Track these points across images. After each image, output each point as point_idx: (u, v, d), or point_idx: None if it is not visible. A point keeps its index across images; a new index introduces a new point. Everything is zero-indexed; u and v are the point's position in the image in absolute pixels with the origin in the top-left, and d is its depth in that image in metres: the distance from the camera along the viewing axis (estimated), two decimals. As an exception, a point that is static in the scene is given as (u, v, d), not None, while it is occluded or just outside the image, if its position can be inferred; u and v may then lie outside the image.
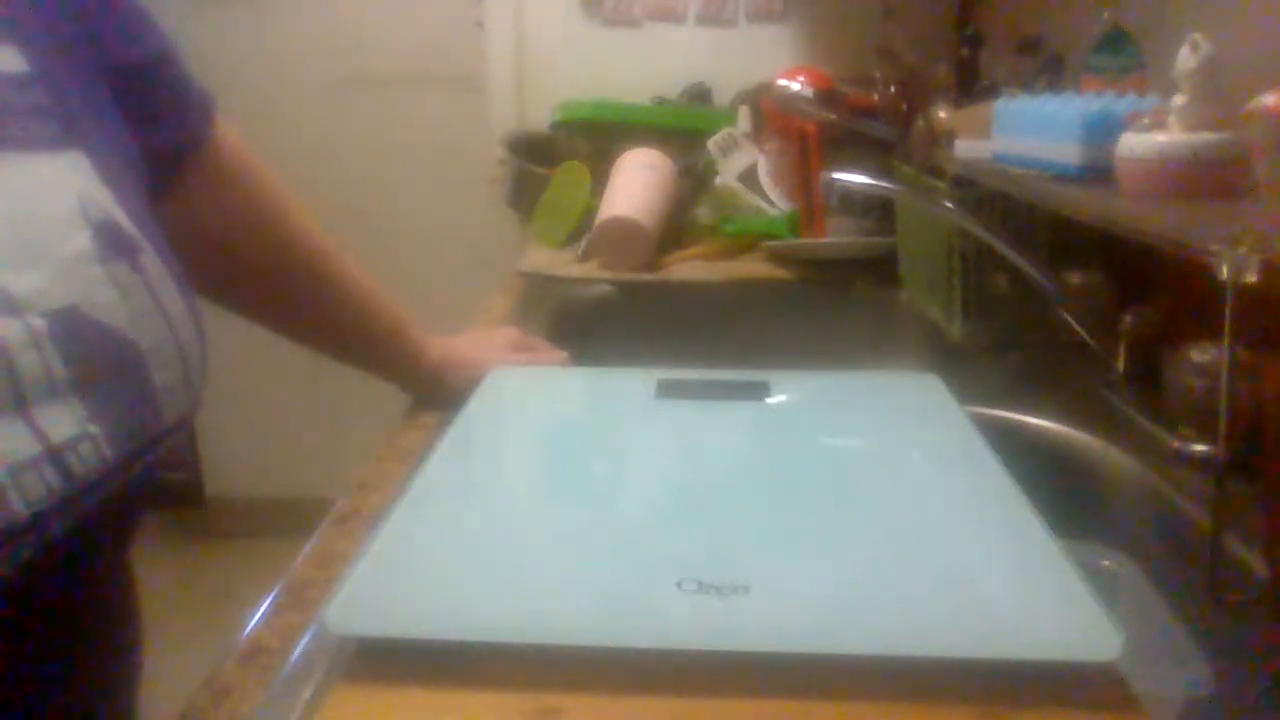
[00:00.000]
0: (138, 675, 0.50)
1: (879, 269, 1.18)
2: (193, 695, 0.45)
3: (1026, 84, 1.02)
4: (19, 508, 0.33)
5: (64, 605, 0.42)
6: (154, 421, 0.40)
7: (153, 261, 0.42)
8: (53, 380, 0.35)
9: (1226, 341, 0.54)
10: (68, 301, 0.37)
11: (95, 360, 0.37)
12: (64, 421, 0.35)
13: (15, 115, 0.40)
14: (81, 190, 0.41)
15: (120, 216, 0.42)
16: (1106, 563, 0.54)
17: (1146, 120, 0.64)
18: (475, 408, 0.68)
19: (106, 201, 0.41)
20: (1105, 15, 0.85)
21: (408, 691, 0.40)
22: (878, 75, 1.24)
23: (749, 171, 1.38)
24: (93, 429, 0.36)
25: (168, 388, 0.41)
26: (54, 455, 0.35)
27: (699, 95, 1.56)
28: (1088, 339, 0.78)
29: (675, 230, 1.32)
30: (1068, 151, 0.72)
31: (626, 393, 0.71)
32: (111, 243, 0.40)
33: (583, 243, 1.28)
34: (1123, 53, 0.85)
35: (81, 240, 0.39)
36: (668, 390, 0.70)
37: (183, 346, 0.42)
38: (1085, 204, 0.68)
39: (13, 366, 0.34)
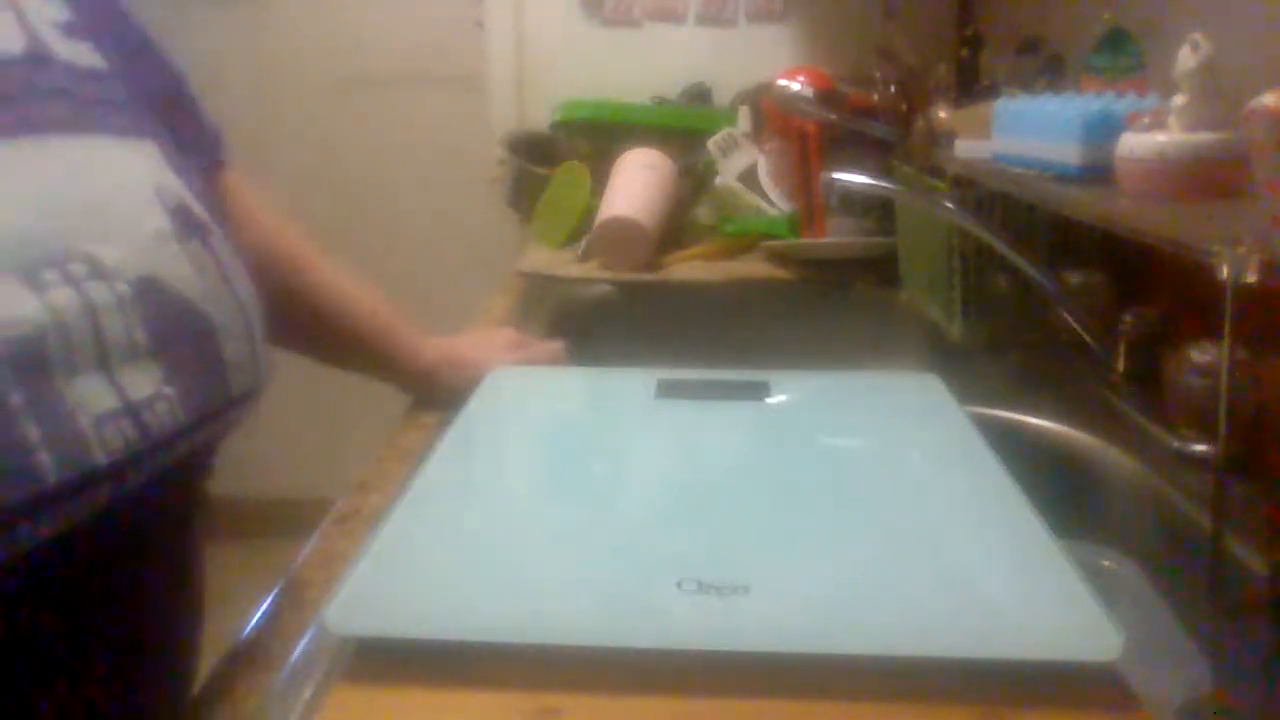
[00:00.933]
0: (199, 643, 0.52)
1: (879, 269, 1.18)
2: (193, 695, 0.45)
3: (1026, 84, 1.02)
4: (99, 456, 0.35)
5: (134, 563, 0.44)
6: (222, 391, 0.43)
7: (222, 245, 0.45)
8: (133, 343, 0.38)
9: (1226, 341, 0.54)
10: (148, 272, 0.39)
11: (171, 328, 0.40)
12: (142, 381, 0.38)
13: (95, 104, 0.43)
14: (156, 176, 0.43)
15: (191, 201, 0.44)
16: (1106, 563, 0.54)
17: (1146, 120, 0.64)
18: (475, 408, 0.68)
19: (179, 189, 0.44)
20: (1105, 15, 0.85)
21: (408, 691, 0.40)
22: (878, 75, 1.24)
23: (749, 171, 1.38)
24: (167, 390, 0.39)
25: (236, 361, 0.43)
26: (132, 411, 0.37)
27: (699, 95, 1.56)
28: (1088, 339, 0.78)
29: (675, 230, 1.32)
30: (1068, 151, 0.72)
31: (626, 393, 0.71)
32: (185, 225, 0.43)
33: (583, 243, 1.28)
34: (1123, 53, 0.84)
35: (159, 220, 0.41)
36: (668, 390, 0.70)
37: (250, 324, 0.45)
38: (1085, 204, 0.68)
39: (99, 328, 0.36)
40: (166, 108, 0.53)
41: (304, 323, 0.73)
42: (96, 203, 0.39)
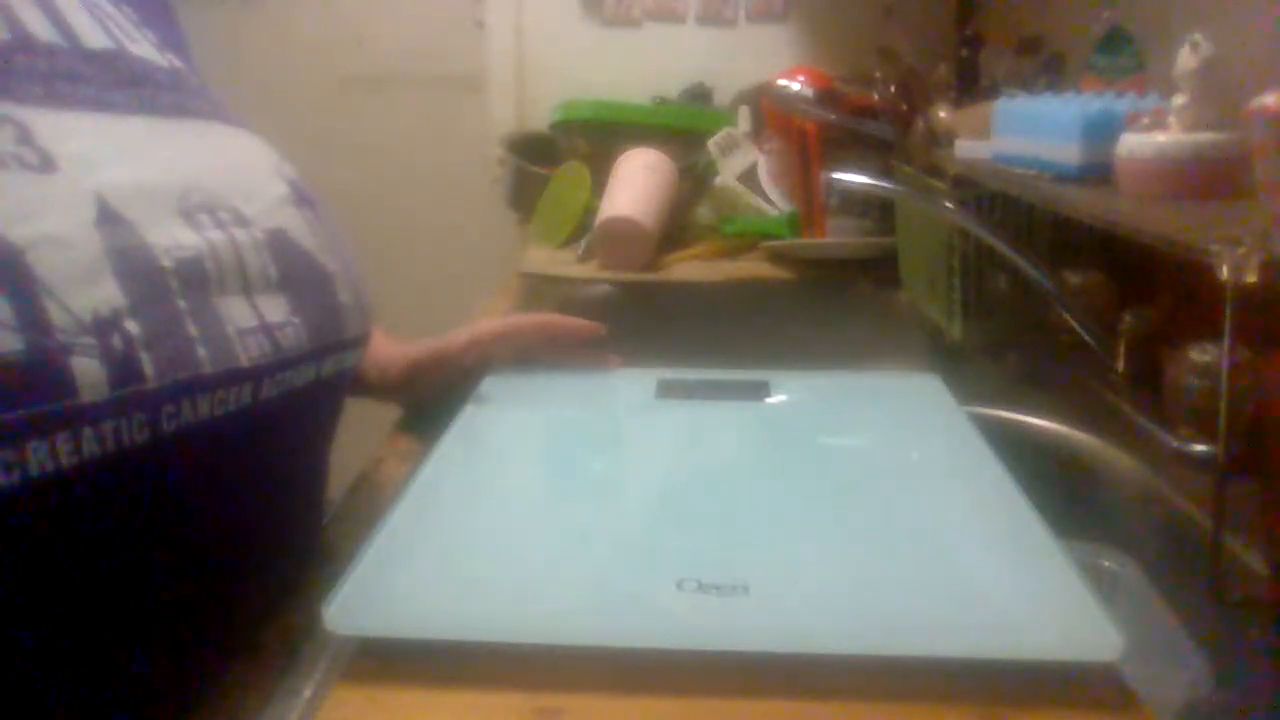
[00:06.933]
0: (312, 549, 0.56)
1: (879, 269, 1.17)
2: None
3: (1026, 84, 1.02)
4: (242, 359, 0.43)
5: (268, 463, 0.49)
6: (337, 329, 0.50)
7: (327, 217, 0.52)
8: (268, 278, 0.46)
9: (1226, 341, 0.54)
10: (278, 225, 0.47)
11: (297, 271, 0.48)
12: (275, 308, 0.45)
13: (212, 102, 0.52)
14: (271, 156, 0.52)
15: (298, 180, 0.52)
16: (1106, 563, 0.54)
17: (1146, 120, 0.64)
18: (474, 408, 0.68)
19: (289, 168, 0.52)
20: (1105, 15, 0.85)
21: (408, 691, 0.40)
22: (878, 75, 1.24)
23: (749, 171, 1.38)
24: (295, 319, 0.46)
25: (348, 306, 0.51)
26: (268, 330, 0.45)
27: (699, 95, 1.56)
28: (1088, 339, 0.77)
29: (675, 230, 1.32)
30: (1068, 151, 0.72)
31: (626, 393, 0.71)
32: (299, 195, 0.51)
33: (583, 243, 1.28)
34: (1123, 53, 0.84)
35: (281, 188, 0.50)
36: (668, 390, 0.70)
37: (356, 279, 0.52)
38: (1085, 204, 0.67)
39: (243, 263, 0.44)
40: None
41: None
42: (235, 169, 0.48)
